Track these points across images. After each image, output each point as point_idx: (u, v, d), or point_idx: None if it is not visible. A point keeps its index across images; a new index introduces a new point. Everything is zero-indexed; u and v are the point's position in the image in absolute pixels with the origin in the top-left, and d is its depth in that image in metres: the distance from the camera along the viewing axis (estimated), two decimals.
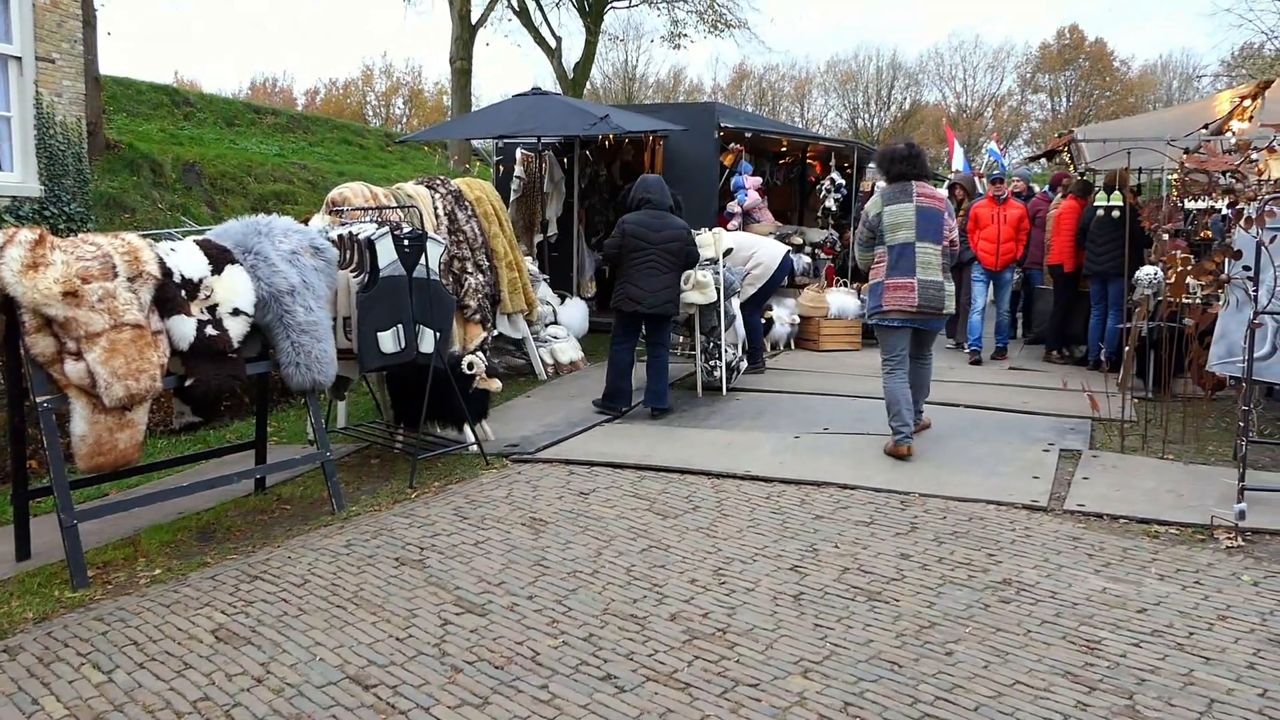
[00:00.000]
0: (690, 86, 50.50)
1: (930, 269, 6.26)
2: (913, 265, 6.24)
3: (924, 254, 6.26)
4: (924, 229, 6.28)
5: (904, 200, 6.35)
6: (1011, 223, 10.03)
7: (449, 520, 5.12)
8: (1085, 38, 49.08)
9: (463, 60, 21.96)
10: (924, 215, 6.30)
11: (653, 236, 7.29)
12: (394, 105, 51.67)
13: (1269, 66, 30.73)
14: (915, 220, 6.29)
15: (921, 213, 6.30)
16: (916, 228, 6.28)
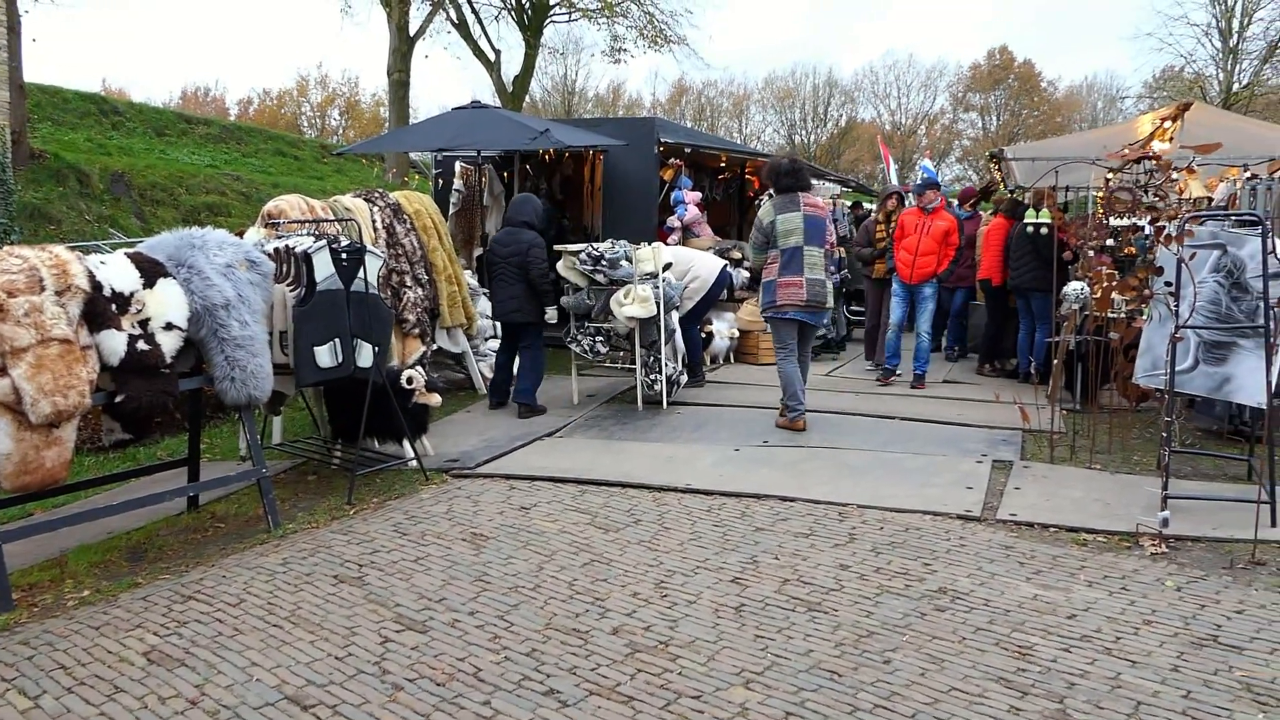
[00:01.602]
0: (630, 101, 50.76)
1: (816, 269, 7.24)
2: (801, 266, 7.21)
3: (810, 256, 7.23)
4: (811, 234, 7.25)
5: (793, 209, 7.32)
6: (935, 235, 9.09)
7: (388, 536, 5.07)
8: (1014, 59, 50.37)
9: (400, 72, 21.80)
10: (810, 223, 7.28)
11: (502, 251, 7.88)
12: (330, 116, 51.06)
13: (1188, 89, 31.89)
14: (803, 227, 7.25)
15: (808, 220, 7.28)
16: (804, 233, 7.24)
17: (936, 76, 51.10)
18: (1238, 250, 5.53)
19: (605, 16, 26.01)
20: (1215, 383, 5.65)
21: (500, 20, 26.03)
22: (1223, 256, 5.61)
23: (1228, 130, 8.46)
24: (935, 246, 9.10)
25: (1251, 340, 5.38)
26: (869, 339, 10.68)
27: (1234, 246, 5.56)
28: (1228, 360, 5.60)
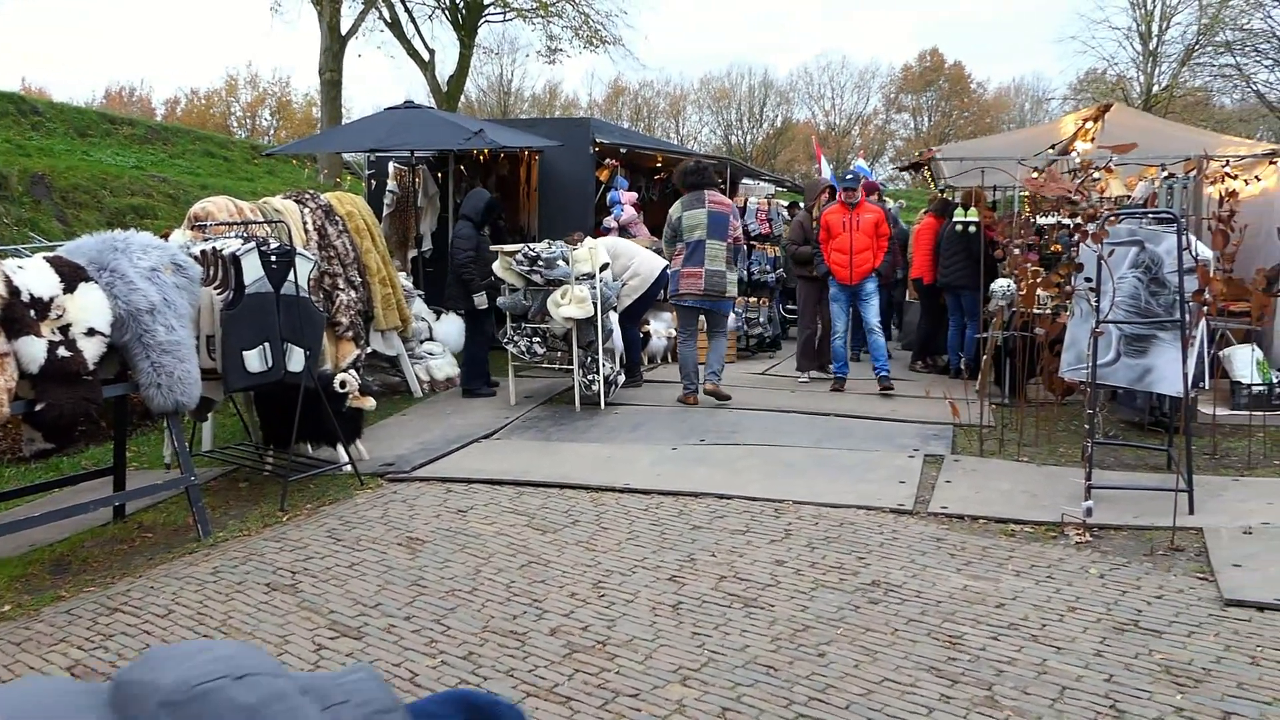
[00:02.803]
0: (566, 101, 50.63)
1: (716, 261, 7.89)
2: (702, 258, 7.88)
3: (712, 249, 7.90)
4: (713, 229, 7.92)
5: (698, 206, 8.02)
6: (866, 230, 8.76)
7: (322, 543, 5.00)
8: (945, 60, 51.29)
9: (332, 71, 21.50)
10: (714, 218, 7.96)
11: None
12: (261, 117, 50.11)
13: (1111, 90, 32.75)
14: (707, 222, 7.93)
15: (712, 215, 7.96)
16: (707, 228, 7.91)
17: (870, 78, 51.85)
18: (1155, 247, 5.70)
19: (540, 16, 25.92)
20: (1136, 374, 5.82)
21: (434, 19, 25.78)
22: (1141, 253, 5.78)
23: (1145, 131, 8.73)
24: (869, 241, 8.79)
25: (1169, 333, 5.55)
26: (802, 348, 9.79)
27: (1151, 243, 5.73)
28: (1148, 353, 5.77)
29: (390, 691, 1.03)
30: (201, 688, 0.94)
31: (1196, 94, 34.87)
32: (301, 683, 1.00)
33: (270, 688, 0.96)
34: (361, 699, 1.01)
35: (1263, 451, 6.34)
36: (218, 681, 0.94)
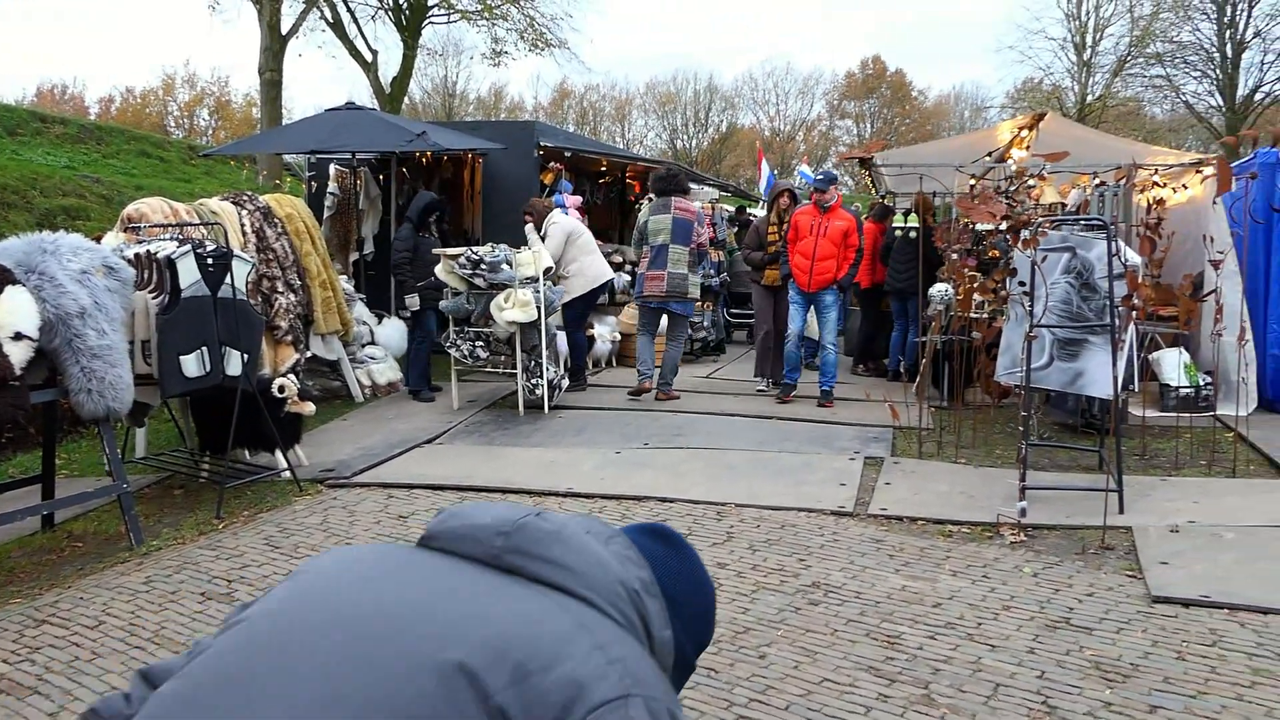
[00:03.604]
0: (512, 104, 50.42)
1: (678, 264, 8.34)
2: (665, 261, 8.34)
3: (675, 253, 8.34)
4: (677, 234, 8.34)
5: (664, 212, 8.44)
6: (833, 237, 8.37)
7: (260, 550, 4.92)
8: (886, 68, 52.06)
9: (273, 71, 21.16)
10: (678, 224, 8.37)
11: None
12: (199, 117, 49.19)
13: (1047, 99, 33.49)
14: (671, 228, 8.35)
15: (676, 221, 8.37)
16: (671, 233, 8.34)
17: (813, 84, 52.46)
18: (1086, 253, 5.84)
19: (485, 19, 25.78)
20: (1069, 378, 5.96)
21: (377, 20, 25.53)
22: (1073, 259, 5.92)
23: (1078, 140, 8.94)
24: (834, 249, 8.37)
25: (1100, 337, 5.69)
26: (758, 352, 9.53)
27: (1083, 249, 5.87)
28: (1079, 356, 5.91)
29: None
30: (518, 520, 1.30)
31: (1129, 104, 35.85)
32: (580, 521, 1.40)
33: (560, 519, 1.35)
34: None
35: (1189, 452, 6.53)
36: (526, 517, 1.31)
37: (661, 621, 1.34)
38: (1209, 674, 3.52)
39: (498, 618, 1.17)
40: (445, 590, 1.22)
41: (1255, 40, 31.22)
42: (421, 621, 1.15)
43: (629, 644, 1.22)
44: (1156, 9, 32.21)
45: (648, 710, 1.13)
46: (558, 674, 1.11)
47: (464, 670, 1.09)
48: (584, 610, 1.22)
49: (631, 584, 1.31)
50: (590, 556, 1.30)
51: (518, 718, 1.08)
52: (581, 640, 1.16)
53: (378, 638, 1.13)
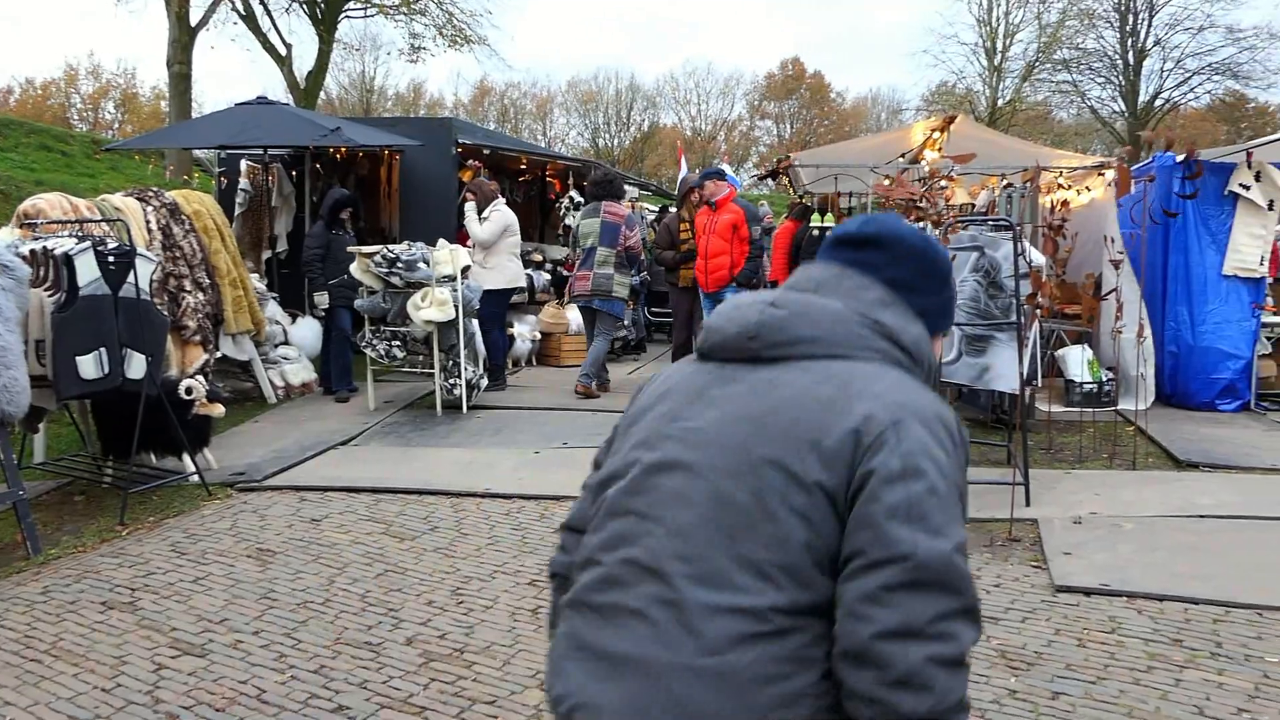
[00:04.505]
0: (431, 101, 49.76)
1: (605, 265, 8.67)
2: (592, 262, 8.69)
3: (602, 255, 8.68)
4: (604, 237, 8.70)
5: (594, 216, 8.86)
6: (722, 232, 8.35)
7: (165, 557, 4.77)
8: (806, 69, 52.67)
9: (181, 64, 20.52)
10: (605, 227, 8.72)
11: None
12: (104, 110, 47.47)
13: (960, 103, 34.31)
14: (599, 230, 8.72)
15: (604, 224, 8.73)
16: (599, 235, 8.71)
17: (734, 85, 52.79)
18: (993, 252, 5.99)
19: (403, 13, 25.40)
20: (976, 373, 6.11)
21: (291, 13, 24.86)
22: (981, 258, 6.07)
23: (987, 143, 9.18)
24: (724, 245, 8.36)
25: (1006, 334, 5.84)
26: (674, 356, 9.32)
27: (990, 249, 6.03)
28: (986, 352, 6.07)
29: None
30: (756, 321, 1.50)
31: (1038, 108, 36.95)
32: (806, 281, 1.59)
33: (791, 301, 1.52)
34: None
35: (1093, 446, 6.75)
36: (762, 315, 1.51)
37: (905, 321, 1.50)
38: (1108, 660, 3.64)
39: (778, 409, 1.38)
40: (735, 395, 1.45)
41: (1155, 48, 32.55)
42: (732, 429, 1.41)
43: (886, 375, 1.41)
44: (1063, 17, 33.28)
45: (920, 424, 1.33)
46: (839, 433, 1.32)
47: (772, 464, 1.33)
48: (841, 366, 1.42)
49: (868, 313, 1.48)
50: (826, 317, 1.47)
51: (827, 483, 1.30)
52: (847, 396, 1.36)
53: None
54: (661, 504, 1.39)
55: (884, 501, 1.27)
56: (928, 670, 1.21)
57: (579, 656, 1.39)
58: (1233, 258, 8.09)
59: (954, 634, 1.24)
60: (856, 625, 1.23)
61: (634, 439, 1.52)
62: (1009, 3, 34.46)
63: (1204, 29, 31.48)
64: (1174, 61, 32.63)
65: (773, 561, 1.30)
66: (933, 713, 1.21)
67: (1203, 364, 8.14)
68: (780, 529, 1.30)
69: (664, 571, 1.34)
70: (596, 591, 1.41)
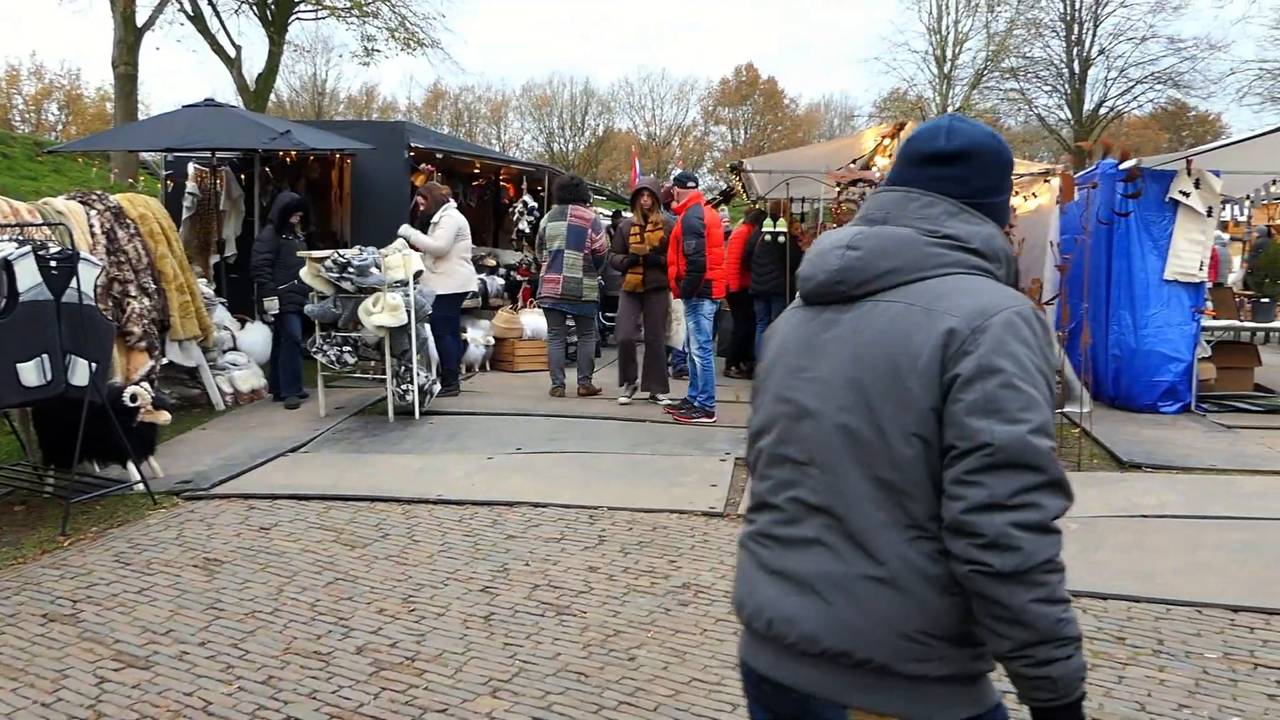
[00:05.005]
0: (384, 104, 49.30)
1: (573, 269, 8.86)
2: (561, 266, 8.88)
3: (570, 259, 8.87)
4: (571, 240, 8.89)
5: (561, 219, 9.04)
6: (674, 238, 8.08)
7: (109, 568, 4.68)
8: (760, 75, 52.99)
9: (127, 65, 20.14)
10: (572, 230, 8.93)
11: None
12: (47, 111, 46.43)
13: (911, 110, 34.75)
14: (566, 234, 8.90)
15: (571, 228, 8.93)
16: (566, 239, 8.89)
17: (689, 90, 52.94)
18: None
19: (355, 16, 25.16)
20: None
21: (241, 14, 24.53)
22: None
23: None
24: (673, 254, 8.05)
25: None
26: (620, 361, 8.93)
27: None
28: None
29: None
30: (839, 267, 1.65)
31: (986, 115, 37.44)
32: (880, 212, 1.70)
33: (868, 236, 1.66)
34: None
35: None
36: (843, 260, 1.65)
37: (974, 225, 1.62)
38: None
39: (875, 344, 1.55)
40: (839, 339, 1.61)
41: (1100, 58, 33.20)
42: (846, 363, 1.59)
43: (962, 286, 1.55)
44: (1010, 26, 33.85)
45: (998, 324, 1.47)
46: (928, 352, 1.49)
47: (882, 395, 1.51)
48: (922, 289, 1.56)
49: (937, 229, 1.61)
50: (899, 245, 1.60)
51: (930, 400, 1.48)
52: (930, 318, 1.51)
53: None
54: (808, 449, 1.60)
55: (964, 400, 1.44)
56: (1013, 534, 1.38)
57: (769, 579, 1.62)
58: (1174, 263, 8.27)
59: (1036, 503, 1.41)
60: (951, 504, 1.43)
61: (771, 393, 1.72)
62: (958, 11, 35.03)
63: (1146, 39, 32.25)
64: (1118, 71, 33.36)
65: (907, 479, 1.49)
66: (1020, 569, 1.38)
67: (1145, 367, 8.31)
68: (904, 451, 1.49)
69: (826, 505, 1.56)
70: (776, 527, 1.64)
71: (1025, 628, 1.40)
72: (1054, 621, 1.41)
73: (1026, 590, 1.39)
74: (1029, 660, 1.42)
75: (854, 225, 1.70)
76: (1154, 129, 37.01)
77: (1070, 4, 32.99)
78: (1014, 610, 1.40)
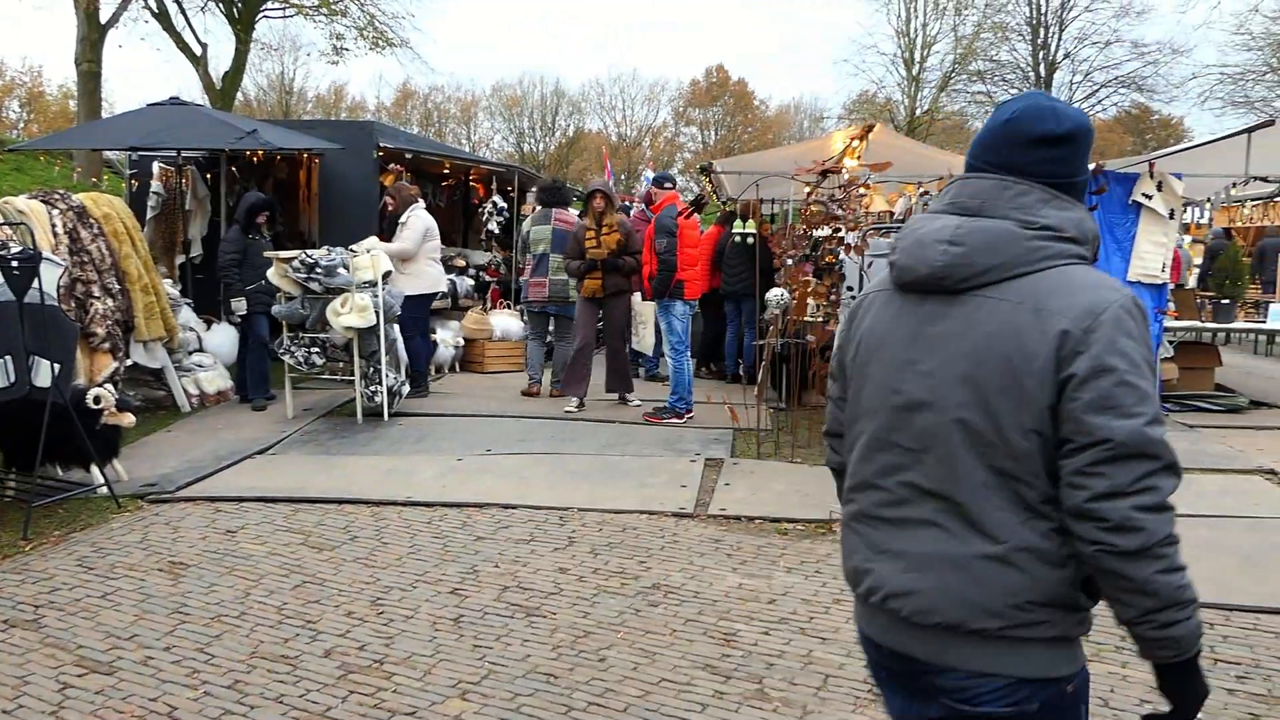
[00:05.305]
0: (353, 103, 48.94)
1: (559, 272, 8.91)
2: (547, 269, 9.04)
3: (555, 261, 8.94)
4: (556, 244, 8.99)
5: (545, 223, 9.23)
6: (647, 240, 8.18)
7: (71, 572, 4.62)
8: (730, 77, 53.12)
9: (90, 62, 19.87)
10: (557, 234, 9.06)
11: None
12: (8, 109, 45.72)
13: (879, 112, 34.99)
14: (551, 238, 9.07)
15: (555, 232, 9.09)
16: (551, 242, 9.05)
17: (659, 91, 53.09)
18: None
19: (323, 14, 24.96)
20: None
21: (207, 12, 24.28)
22: None
23: (905, 151, 9.39)
24: (647, 254, 8.11)
25: None
26: (569, 370, 8.60)
27: None
28: None
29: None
30: (942, 265, 1.70)
31: (954, 118, 37.82)
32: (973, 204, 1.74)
33: (968, 233, 1.69)
34: None
35: None
36: (944, 256, 1.70)
37: (1065, 210, 1.68)
38: None
39: (990, 342, 1.63)
40: (948, 334, 1.68)
41: (1065, 61, 33.63)
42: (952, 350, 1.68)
43: (1067, 282, 1.62)
44: (977, 29, 34.16)
45: (1107, 323, 1.57)
46: (1044, 354, 1.57)
47: (997, 391, 1.61)
48: (1028, 286, 1.63)
49: (1034, 220, 1.66)
50: (1000, 241, 1.66)
51: (1045, 398, 1.58)
52: (1040, 319, 1.59)
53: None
54: (921, 438, 1.69)
55: (1081, 399, 1.54)
56: (1135, 516, 1.50)
57: (882, 558, 1.74)
58: (1136, 264, 8.38)
59: (1154, 487, 1.52)
60: (1074, 493, 1.55)
61: (874, 381, 1.79)
62: (926, 14, 35.27)
63: (1111, 43, 32.73)
64: (1083, 74, 33.82)
65: (1024, 469, 1.60)
66: (1144, 547, 1.51)
67: None
68: (1022, 444, 1.59)
69: (941, 490, 1.66)
70: (886, 509, 1.75)
71: (1150, 596, 1.54)
72: (1175, 588, 1.54)
73: (1150, 564, 1.52)
74: (1153, 624, 1.56)
75: (948, 213, 1.74)
76: (1118, 132, 37.47)
77: (1036, 8, 33.41)
78: (1139, 582, 1.53)
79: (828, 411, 2.04)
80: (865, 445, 1.80)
